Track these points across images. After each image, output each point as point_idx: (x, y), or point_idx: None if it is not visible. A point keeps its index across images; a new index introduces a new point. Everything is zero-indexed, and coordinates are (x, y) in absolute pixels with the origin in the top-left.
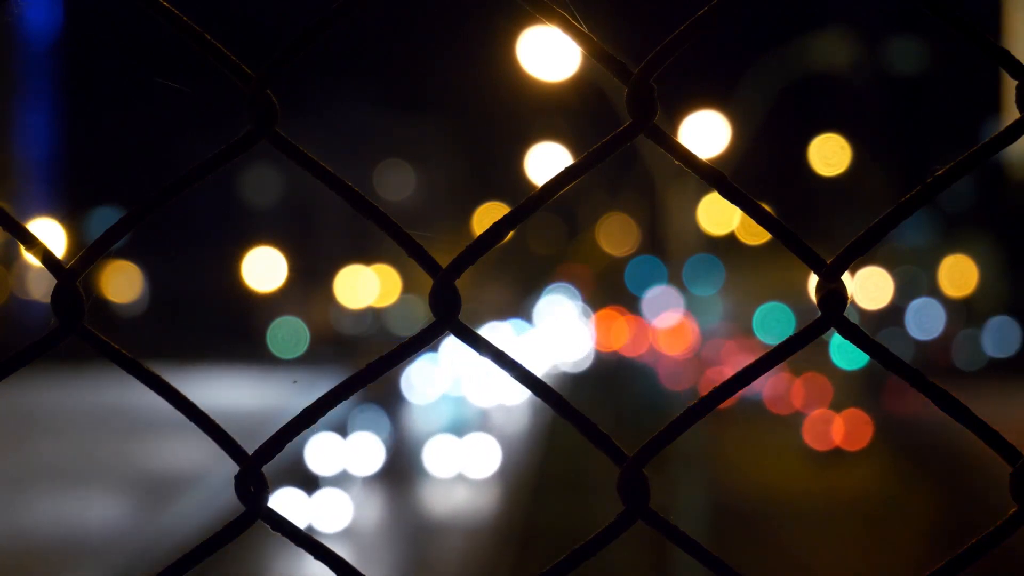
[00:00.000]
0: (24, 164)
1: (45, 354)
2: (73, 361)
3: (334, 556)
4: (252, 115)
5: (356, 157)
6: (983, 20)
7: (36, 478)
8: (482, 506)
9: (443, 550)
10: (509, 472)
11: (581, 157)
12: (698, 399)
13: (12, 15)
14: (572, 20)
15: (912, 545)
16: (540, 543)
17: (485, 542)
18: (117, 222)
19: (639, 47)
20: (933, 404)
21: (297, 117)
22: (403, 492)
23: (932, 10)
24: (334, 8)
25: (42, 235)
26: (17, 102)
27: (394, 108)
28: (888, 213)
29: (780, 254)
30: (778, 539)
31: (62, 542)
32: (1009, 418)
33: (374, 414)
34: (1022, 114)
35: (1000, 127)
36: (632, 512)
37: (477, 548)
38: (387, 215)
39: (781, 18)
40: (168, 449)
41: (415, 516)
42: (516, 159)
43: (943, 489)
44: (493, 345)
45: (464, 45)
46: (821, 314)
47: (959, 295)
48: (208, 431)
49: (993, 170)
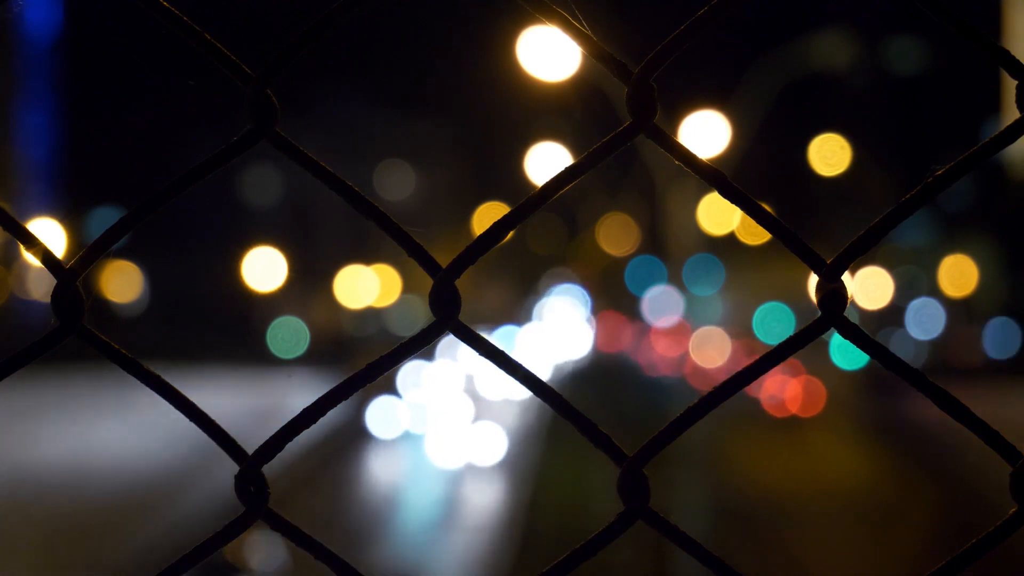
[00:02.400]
0: (24, 164)
1: (45, 354)
2: (73, 361)
3: (334, 556)
4: (252, 115)
5: (356, 157)
6: (983, 20)
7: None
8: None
9: (443, 550)
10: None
11: (581, 157)
12: (698, 399)
13: (12, 12)
14: (572, 20)
15: (912, 545)
16: (540, 543)
17: (485, 542)
18: (117, 222)
19: (639, 47)
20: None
21: (297, 117)
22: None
23: (932, 10)
24: (334, 8)
25: (42, 235)
26: (17, 102)
27: (394, 108)
28: (888, 213)
29: (780, 254)
30: (778, 539)
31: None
32: (1009, 418)
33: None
34: (1022, 114)
35: (1000, 127)
36: (632, 512)
37: (477, 548)
38: (387, 215)
39: (781, 18)
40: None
41: (412, 513)
42: (516, 159)
43: (943, 489)
44: (493, 345)
45: (464, 45)
46: (821, 314)
47: (959, 295)
48: (208, 431)
49: (993, 170)
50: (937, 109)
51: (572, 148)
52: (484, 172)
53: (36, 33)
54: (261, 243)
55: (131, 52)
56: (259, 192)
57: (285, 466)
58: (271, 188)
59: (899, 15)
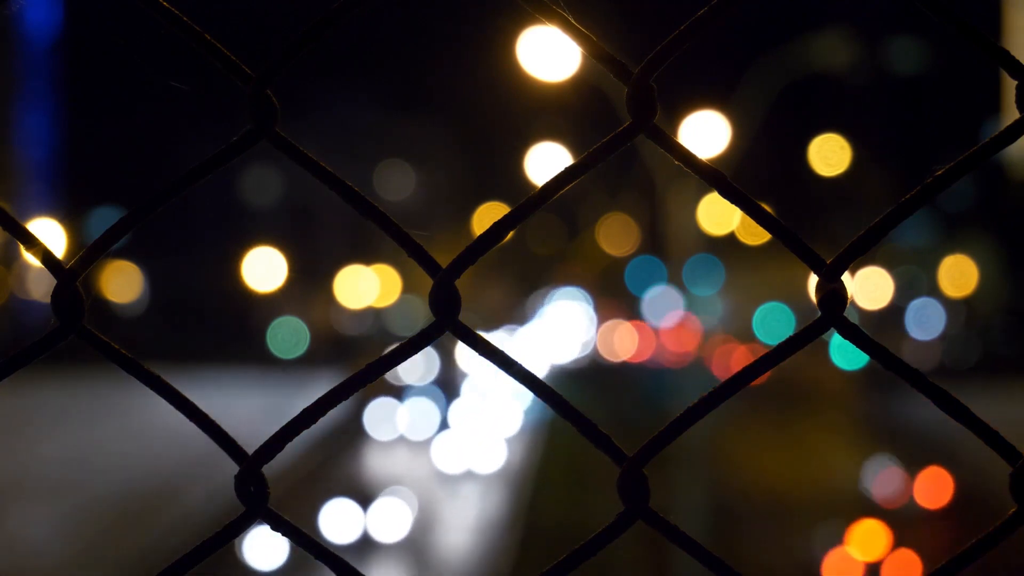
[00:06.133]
0: (24, 164)
1: (45, 354)
2: (73, 361)
3: (334, 556)
4: (252, 115)
5: (356, 157)
6: (983, 20)
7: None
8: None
9: (443, 550)
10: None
11: (581, 157)
12: (698, 399)
13: (12, 9)
14: (572, 20)
15: (912, 545)
16: (540, 543)
17: (485, 542)
18: (117, 222)
19: (639, 47)
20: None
21: (297, 117)
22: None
23: (932, 10)
24: (334, 8)
25: (42, 235)
26: (17, 102)
27: (394, 108)
28: (888, 213)
29: (780, 254)
30: (778, 539)
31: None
32: (1009, 418)
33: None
34: (1022, 114)
35: (1000, 127)
36: (632, 512)
37: (477, 548)
38: (387, 215)
39: (781, 18)
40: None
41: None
42: (516, 159)
43: (943, 489)
44: (493, 345)
45: (464, 45)
46: (821, 314)
47: (959, 295)
48: (208, 431)
49: (993, 170)
50: (937, 109)
51: (572, 148)
52: (484, 172)
53: (36, 33)
54: (261, 243)
55: (131, 52)
56: (259, 192)
57: (286, 467)
58: (271, 188)
59: (899, 15)
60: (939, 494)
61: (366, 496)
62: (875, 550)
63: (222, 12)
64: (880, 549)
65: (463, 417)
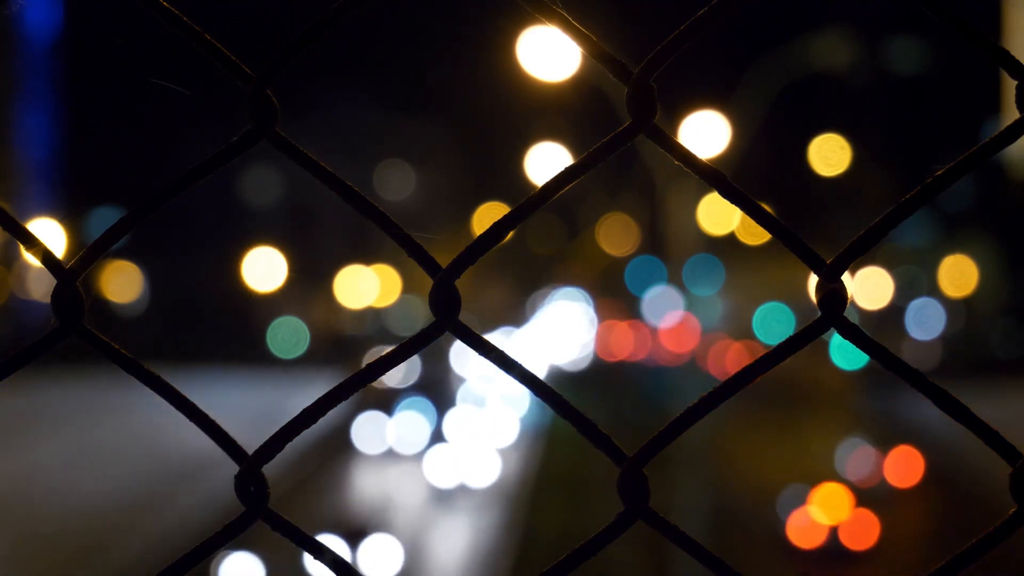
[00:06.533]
0: (24, 164)
1: (45, 354)
2: (73, 361)
3: (334, 556)
4: (252, 115)
5: (356, 157)
6: (983, 20)
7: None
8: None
9: (443, 549)
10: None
11: (581, 157)
12: (698, 399)
13: (12, 9)
14: (572, 20)
15: (912, 545)
16: (540, 543)
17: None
18: (117, 222)
19: (639, 47)
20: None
21: (297, 117)
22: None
23: (932, 10)
24: (334, 8)
25: (42, 235)
26: (17, 102)
27: (394, 108)
28: (888, 213)
29: (780, 254)
30: (778, 539)
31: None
32: (1009, 418)
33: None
34: (1022, 114)
35: (1000, 127)
36: (632, 512)
37: (477, 548)
38: (387, 215)
39: (781, 18)
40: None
41: (415, 516)
42: (516, 159)
43: (943, 489)
44: (493, 345)
45: (464, 45)
46: (821, 314)
47: (959, 295)
48: (208, 431)
49: (993, 170)
50: (937, 109)
51: (572, 148)
52: (484, 172)
53: (36, 33)
54: (261, 243)
55: (131, 52)
56: (259, 192)
57: (287, 467)
58: (271, 188)
59: (899, 15)
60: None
61: (352, 530)
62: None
63: (222, 12)
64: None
65: (457, 428)
